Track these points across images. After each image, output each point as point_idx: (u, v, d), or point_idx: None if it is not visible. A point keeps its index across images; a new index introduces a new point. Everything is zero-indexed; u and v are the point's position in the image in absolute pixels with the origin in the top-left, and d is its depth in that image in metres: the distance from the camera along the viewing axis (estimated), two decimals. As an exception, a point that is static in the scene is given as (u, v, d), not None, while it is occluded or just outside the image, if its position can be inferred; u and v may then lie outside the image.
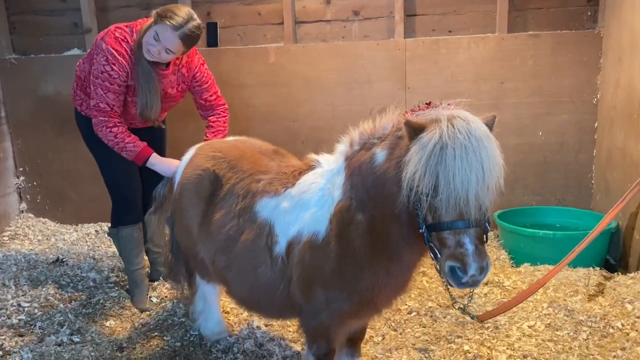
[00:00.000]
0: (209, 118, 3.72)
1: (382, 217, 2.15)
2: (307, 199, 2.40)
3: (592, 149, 4.81)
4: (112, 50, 3.26)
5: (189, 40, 3.23)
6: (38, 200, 5.57)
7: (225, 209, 2.70)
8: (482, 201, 1.86)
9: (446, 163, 1.81)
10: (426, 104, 2.13)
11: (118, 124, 3.35)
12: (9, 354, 3.05)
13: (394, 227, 2.13)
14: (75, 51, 5.35)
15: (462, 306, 2.52)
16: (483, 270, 1.85)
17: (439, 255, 1.92)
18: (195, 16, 3.25)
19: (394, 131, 2.16)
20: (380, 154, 2.16)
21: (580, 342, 3.06)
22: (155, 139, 3.72)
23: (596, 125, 4.74)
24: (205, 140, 3.57)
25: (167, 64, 3.43)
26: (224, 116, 3.76)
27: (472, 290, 2.42)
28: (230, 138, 3.18)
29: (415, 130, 1.92)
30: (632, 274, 3.77)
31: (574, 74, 4.70)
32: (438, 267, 1.97)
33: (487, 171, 1.84)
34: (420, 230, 1.95)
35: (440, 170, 1.82)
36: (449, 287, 1.99)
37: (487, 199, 1.88)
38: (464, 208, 1.84)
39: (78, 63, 3.66)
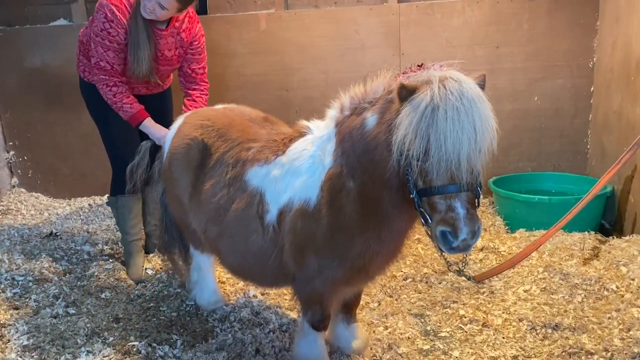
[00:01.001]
0: (192, 92, 3.69)
1: (372, 183, 2.12)
2: (298, 167, 2.37)
3: (588, 114, 4.77)
4: (112, 7, 3.24)
5: None
6: (29, 175, 5.52)
7: (215, 178, 2.66)
8: (474, 164, 1.83)
9: (437, 125, 1.77)
10: (418, 65, 2.08)
11: (119, 84, 3.37)
12: (4, 327, 3.04)
13: (384, 194, 2.10)
14: (62, 21, 5.22)
15: (457, 268, 2.50)
16: (474, 234, 1.83)
17: (429, 221, 1.90)
18: None
19: (385, 95, 2.11)
20: (371, 118, 2.12)
21: (575, 305, 3.08)
22: (161, 108, 3.71)
23: (592, 89, 4.69)
24: (186, 112, 3.54)
25: (167, 24, 3.39)
26: (206, 94, 3.76)
27: (465, 255, 2.41)
28: (219, 106, 3.13)
29: (405, 93, 1.87)
30: (627, 237, 3.78)
31: (570, 37, 4.63)
32: (429, 233, 1.95)
33: (479, 133, 1.80)
34: (411, 196, 1.92)
35: (431, 133, 1.78)
36: (442, 252, 1.97)
37: (479, 162, 1.84)
38: (455, 171, 1.81)
39: (81, 30, 3.64)
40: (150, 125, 3.42)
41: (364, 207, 2.17)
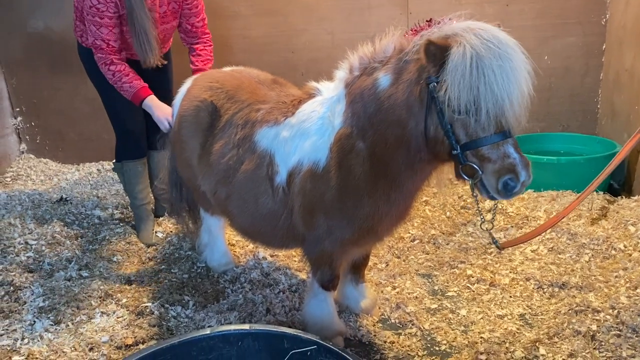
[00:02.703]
0: (195, 46, 3.64)
1: (385, 143, 2.11)
2: (307, 128, 2.36)
3: (599, 73, 4.68)
4: None
5: None
6: (37, 141, 5.53)
7: (225, 139, 2.66)
8: (522, 109, 1.84)
9: (486, 75, 1.77)
10: (427, 21, 2.06)
11: (116, 62, 3.31)
12: (20, 289, 3.10)
13: (398, 154, 2.09)
14: (63, -16, 5.13)
15: (488, 228, 2.41)
16: (530, 175, 1.86)
17: (479, 172, 1.88)
18: None
19: (397, 54, 2.08)
20: (383, 78, 2.09)
21: (582, 264, 3.10)
22: (161, 74, 3.65)
23: (604, 47, 4.59)
24: (194, 68, 3.53)
25: None
26: (210, 45, 3.70)
27: (493, 214, 2.42)
28: (227, 68, 3.10)
29: (442, 50, 1.83)
30: (635, 197, 3.77)
31: (582, -8, 4.52)
32: (475, 184, 1.93)
33: (522, 77, 1.81)
34: (455, 152, 1.91)
35: (480, 84, 1.77)
36: (492, 198, 1.93)
37: (524, 106, 1.85)
38: (503, 119, 1.82)
39: None
40: (152, 105, 3.35)
41: (374, 168, 2.17)
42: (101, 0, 3.16)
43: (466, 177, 1.93)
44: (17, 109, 5.43)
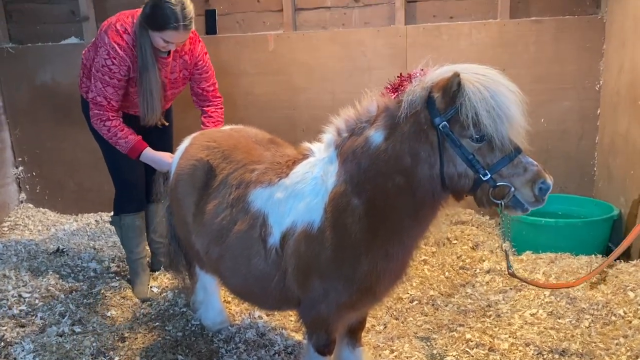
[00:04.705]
0: (207, 109, 3.74)
1: (384, 195, 2.14)
2: (301, 189, 2.38)
3: (595, 136, 4.76)
4: (114, 45, 3.27)
5: (190, 25, 3.27)
6: (37, 191, 5.55)
7: (219, 199, 2.67)
8: (523, 125, 2.00)
9: (495, 99, 1.93)
10: (398, 77, 2.20)
11: (112, 118, 3.39)
12: (10, 345, 3.04)
13: (401, 203, 2.13)
14: (73, 40, 5.30)
15: (507, 248, 2.63)
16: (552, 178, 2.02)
17: (512, 189, 1.99)
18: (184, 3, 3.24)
19: (383, 112, 2.19)
20: (375, 135, 2.17)
21: (582, 330, 3.06)
22: (158, 130, 3.70)
23: (599, 111, 4.70)
24: (205, 129, 3.58)
25: (169, 52, 3.44)
26: (221, 108, 3.81)
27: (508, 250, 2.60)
28: (226, 127, 3.16)
29: (455, 87, 1.97)
30: (634, 262, 3.75)
31: (576, 60, 4.65)
32: (506, 204, 2.03)
33: (518, 97, 1.99)
34: (485, 178, 2.00)
35: (493, 108, 1.93)
36: (523, 209, 2.06)
37: (524, 122, 2.01)
38: (514, 137, 1.99)
39: (84, 51, 3.68)
40: (151, 156, 3.44)
41: (371, 224, 2.19)
42: (115, 62, 3.27)
43: (497, 201, 2.03)
44: (19, 159, 5.49)
